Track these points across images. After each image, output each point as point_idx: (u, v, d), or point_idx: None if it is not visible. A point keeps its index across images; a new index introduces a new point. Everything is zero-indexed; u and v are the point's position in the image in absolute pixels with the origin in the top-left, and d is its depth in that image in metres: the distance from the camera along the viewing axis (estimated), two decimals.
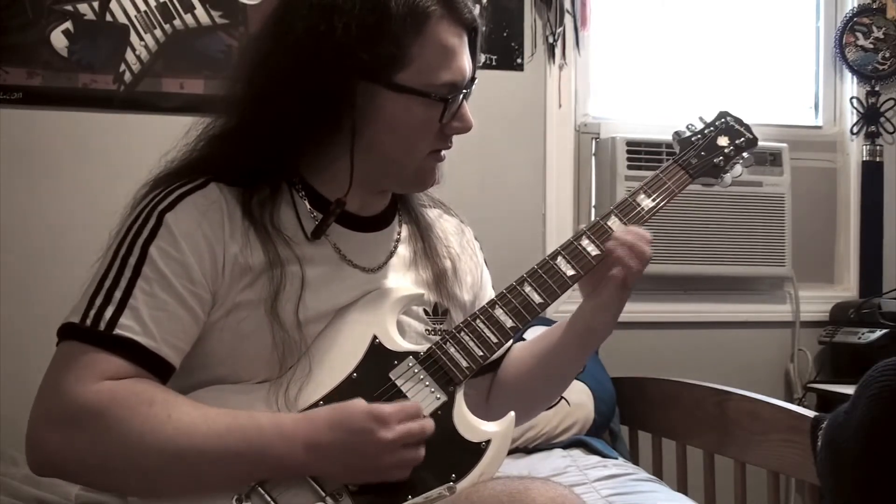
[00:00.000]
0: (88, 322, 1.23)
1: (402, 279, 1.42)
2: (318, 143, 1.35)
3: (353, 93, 1.29)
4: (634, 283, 1.42)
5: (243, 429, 1.21)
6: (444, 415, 1.32)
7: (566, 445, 2.50)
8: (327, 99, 1.30)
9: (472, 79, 1.36)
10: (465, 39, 1.34)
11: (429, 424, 1.26)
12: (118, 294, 1.24)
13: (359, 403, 1.24)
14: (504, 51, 2.90)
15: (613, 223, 1.45)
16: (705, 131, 1.59)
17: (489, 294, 1.54)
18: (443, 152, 1.38)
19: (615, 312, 1.44)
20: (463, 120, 1.35)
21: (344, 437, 1.22)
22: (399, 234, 1.45)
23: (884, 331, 2.87)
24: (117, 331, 1.22)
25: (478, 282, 1.55)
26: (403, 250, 1.44)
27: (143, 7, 2.65)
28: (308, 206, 1.36)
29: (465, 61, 1.33)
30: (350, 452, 1.22)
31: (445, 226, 1.53)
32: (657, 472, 2.57)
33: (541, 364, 1.51)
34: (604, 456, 2.42)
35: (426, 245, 1.46)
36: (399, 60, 1.29)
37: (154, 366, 1.24)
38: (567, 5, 2.95)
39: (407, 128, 1.32)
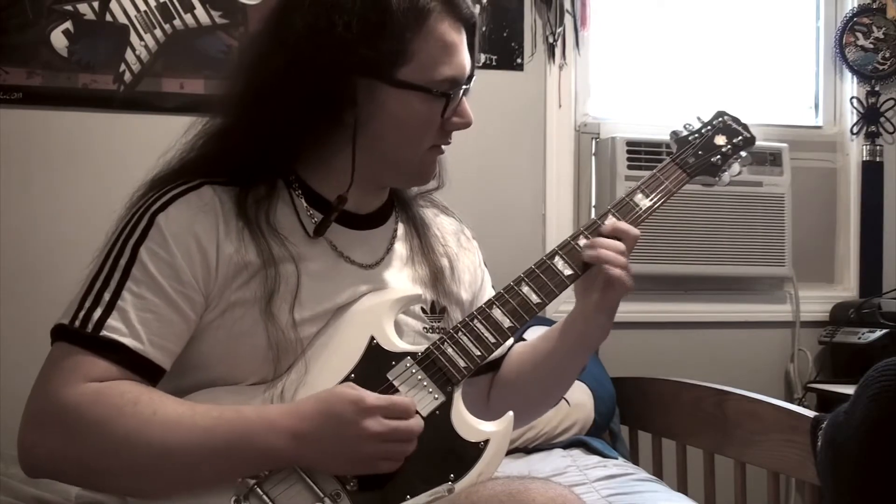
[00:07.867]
0: (77, 324, 1.23)
1: (399, 276, 1.42)
2: (318, 141, 1.35)
3: (354, 90, 1.30)
4: (624, 283, 1.39)
5: (230, 423, 1.21)
6: (442, 415, 1.31)
7: (566, 445, 2.50)
8: (328, 97, 1.30)
9: (471, 75, 1.36)
10: (464, 35, 1.34)
11: (417, 424, 1.25)
12: (107, 296, 1.24)
13: (344, 391, 1.23)
14: (504, 51, 2.90)
15: (610, 223, 1.45)
16: (702, 130, 1.59)
17: (488, 294, 1.54)
18: (442, 147, 1.38)
19: (608, 314, 1.43)
20: (463, 115, 1.36)
21: (328, 424, 1.21)
22: (396, 231, 1.45)
23: (884, 331, 2.87)
24: (104, 332, 1.22)
25: (476, 281, 1.54)
26: (400, 247, 1.44)
27: (143, 7, 2.65)
28: (305, 205, 1.36)
29: (465, 57, 1.34)
30: (334, 441, 1.21)
31: (443, 225, 1.53)
32: (657, 472, 2.57)
33: (542, 365, 1.51)
34: (604, 456, 2.42)
35: (423, 242, 1.46)
36: (400, 56, 1.29)
37: (141, 368, 1.23)
38: (567, 5, 2.95)
39: (408, 124, 1.32)
